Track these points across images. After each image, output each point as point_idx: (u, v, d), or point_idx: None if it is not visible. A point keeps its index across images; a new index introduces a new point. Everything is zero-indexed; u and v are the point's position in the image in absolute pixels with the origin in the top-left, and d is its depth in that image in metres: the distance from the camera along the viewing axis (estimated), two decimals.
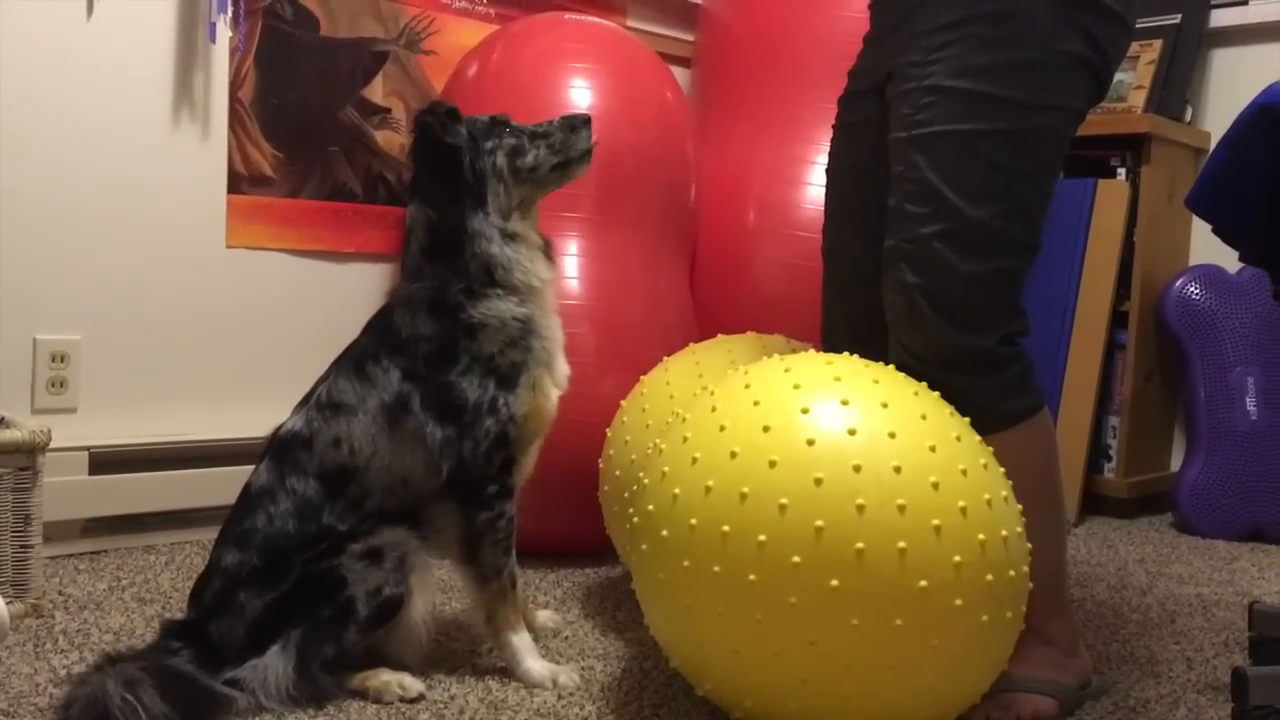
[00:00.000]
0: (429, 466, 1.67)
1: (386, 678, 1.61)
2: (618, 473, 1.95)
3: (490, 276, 1.70)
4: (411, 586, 1.64)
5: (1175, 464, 3.26)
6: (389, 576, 1.62)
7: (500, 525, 1.70)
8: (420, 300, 1.71)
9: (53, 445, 1.91)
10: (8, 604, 1.69)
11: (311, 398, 1.72)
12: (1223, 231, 1.77)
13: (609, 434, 2.05)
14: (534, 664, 1.69)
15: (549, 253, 1.80)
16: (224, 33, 2.47)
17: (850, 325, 1.82)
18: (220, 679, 1.55)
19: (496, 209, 1.73)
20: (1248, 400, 3.01)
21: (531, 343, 1.72)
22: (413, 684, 1.61)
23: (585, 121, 1.81)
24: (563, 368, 1.79)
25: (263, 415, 2.36)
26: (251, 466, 1.74)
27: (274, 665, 1.56)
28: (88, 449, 2.27)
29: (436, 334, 1.69)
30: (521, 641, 1.70)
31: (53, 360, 2.30)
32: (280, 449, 1.69)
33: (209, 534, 2.40)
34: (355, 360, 1.72)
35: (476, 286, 1.70)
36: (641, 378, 2.06)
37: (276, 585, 1.60)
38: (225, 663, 1.57)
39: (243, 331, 2.56)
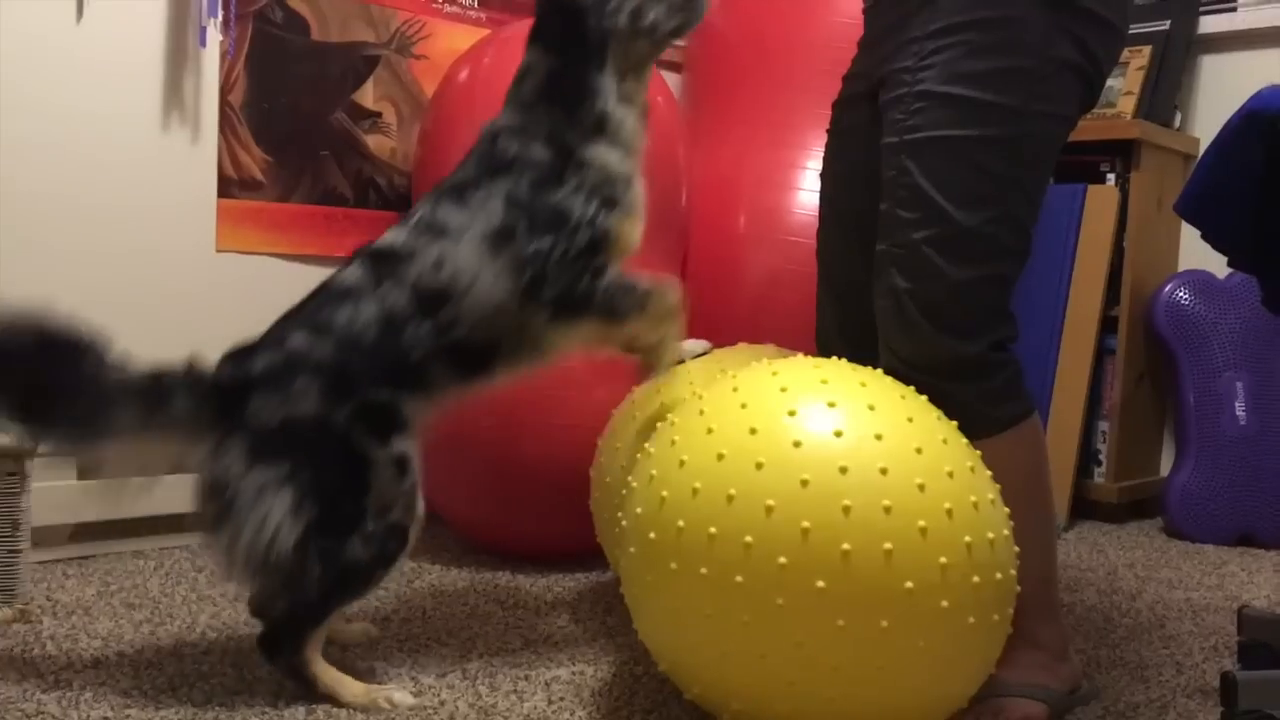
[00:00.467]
0: (524, 289, 1.67)
1: (369, 691, 1.60)
2: (608, 479, 1.96)
3: (601, 130, 1.73)
4: (419, 514, 1.64)
5: (1165, 469, 3.26)
6: (401, 500, 1.61)
7: (614, 292, 1.70)
8: (533, 130, 1.73)
9: (40, 450, 1.91)
10: None
11: (409, 221, 1.72)
12: (1211, 237, 1.78)
13: (600, 442, 2.05)
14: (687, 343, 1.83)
15: (646, 118, 1.82)
16: (214, 36, 2.46)
17: (844, 330, 1.83)
18: (219, 466, 1.55)
19: (615, 69, 1.75)
20: (1237, 405, 3.02)
21: (629, 190, 1.74)
22: (403, 698, 1.60)
23: None
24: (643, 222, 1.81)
25: None
26: None
27: (279, 509, 1.54)
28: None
29: (545, 161, 1.71)
30: (686, 345, 1.83)
31: None
32: (375, 257, 1.69)
33: (198, 538, 2.40)
34: (456, 188, 1.72)
35: (589, 134, 1.73)
36: (634, 388, 2.06)
37: (342, 392, 1.58)
38: (228, 435, 1.56)
39: (233, 335, 2.51)
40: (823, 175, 1.92)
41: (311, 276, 2.62)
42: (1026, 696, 1.61)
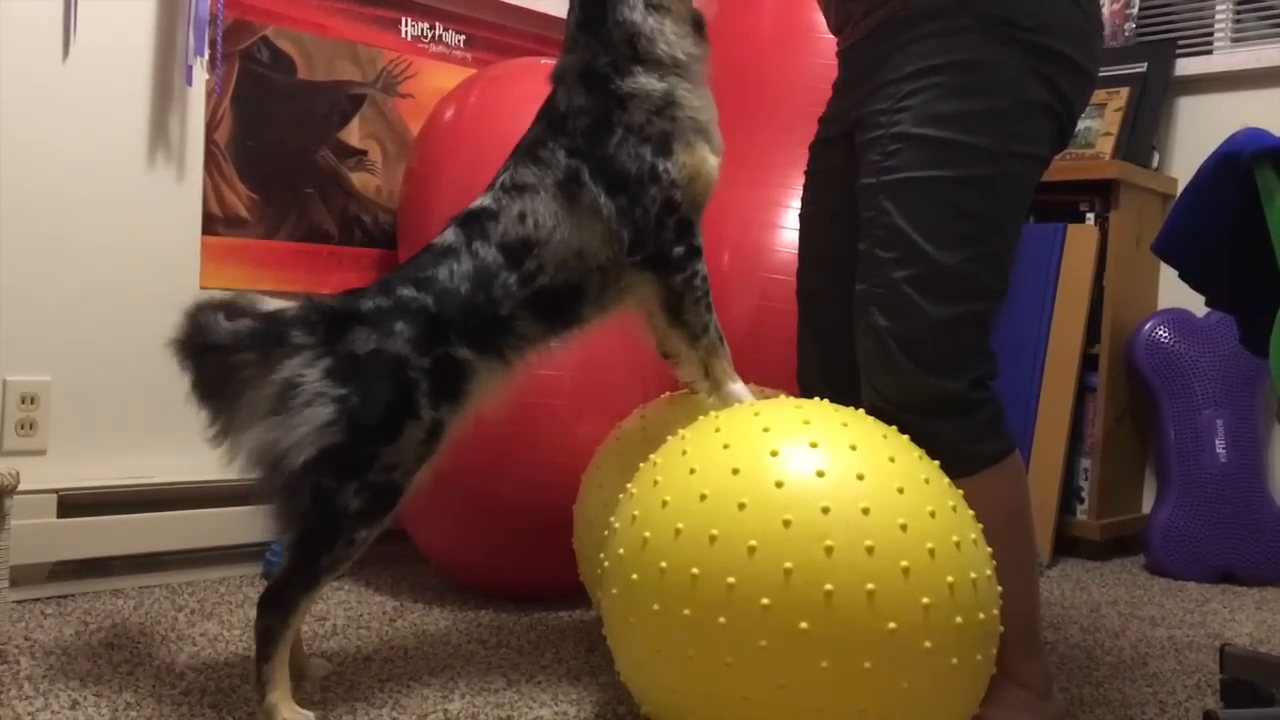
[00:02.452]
0: (605, 237, 1.74)
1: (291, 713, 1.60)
2: (591, 519, 1.95)
3: (633, 48, 1.75)
4: (415, 484, 1.69)
5: (1147, 506, 3.27)
6: (412, 466, 1.66)
7: (696, 284, 1.78)
8: (573, 73, 1.78)
9: (21, 487, 1.89)
10: None
11: (494, 185, 1.79)
12: (1189, 277, 1.80)
13: (584, 479, 2.05)
14: (743, 391, 1.79)
15: (701, 29, 1.83)
16: (201, 75, 2.48)
17: (825, 370, 1.84)
18: (298, 371, 1.62)
19: None
20: (1217, 442, 3.04)
21: (676, 113, 1.76)
22: None
23: None
24: (717, 138, 1.82)
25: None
26: (222, 509, 1.75)
27: (312, 422, 1.60)
28: (56, 491, 2.24)
29: (590, 106, 1.76)
30: (739, 389, 1.79)
31: (22, 402, 2.29)
32: (468, 219, 1.76)
33: (178, 578, 2.40)
34: (528, 148, 1.79)
35: (620, 61, 1.75)
36: (618, 424, 2.06)
37: (421, 346, 1.65)
38: (325, 352, 1.63)
39: None
40: (801, 216, 1.94)
41: None
42: None
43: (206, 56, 2.47)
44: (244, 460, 1.64)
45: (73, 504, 2.27)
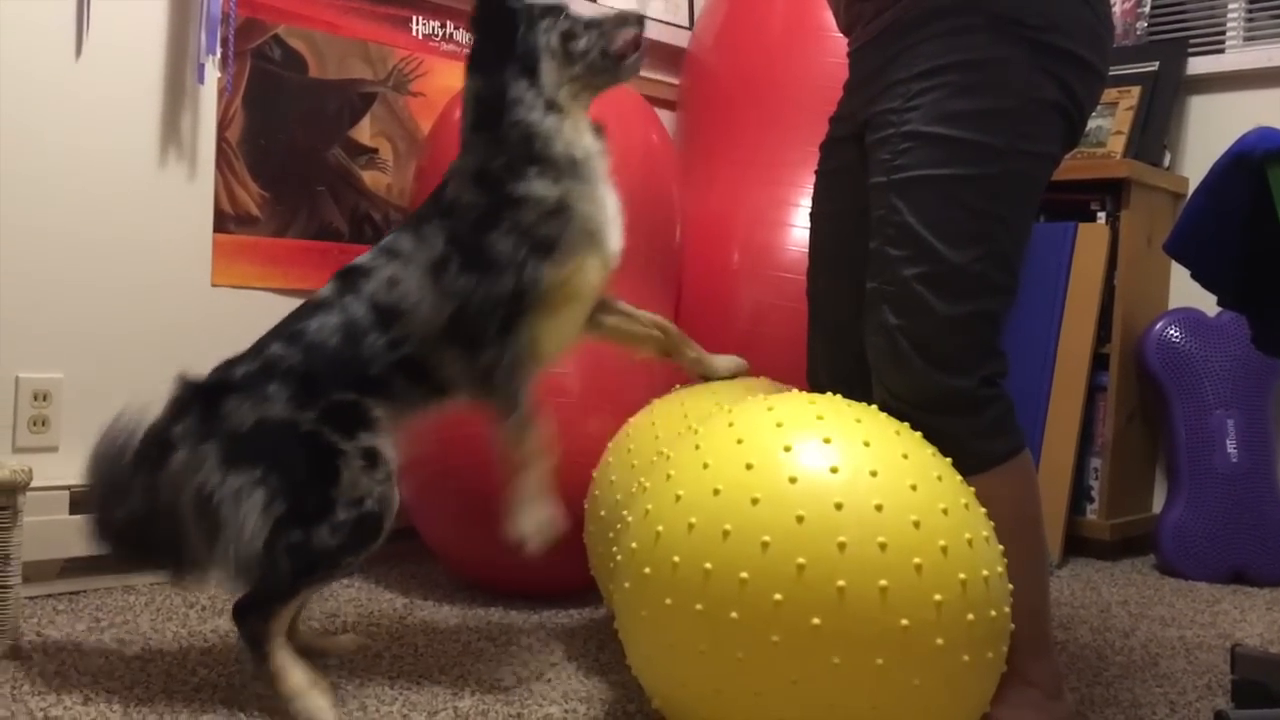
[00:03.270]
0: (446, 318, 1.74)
1: (308, 688, 1.61)
2: (603, 513, 1.95)
3: (529, 148, 1.74)
4: (393, 502, 1.68)
5: (1157, 506, 3.27)
6: (374, 488, 1.65)
7: (505, 361, 1.73)
8: (466, 173, 1.79)
9: (33, 484, 1.90)
10: None
11: (380, 245, 1.82)
12: (1200, 277, 1.80)
13: (594, 475, 2.05)
14: (538, 507, 1.74)
15: (600, 131, 1.83)
16: (212, 73, 2.48)
17: (833, 369, 1.84)
18: (195, 480, 1.63)
19: (546, 82, 1.77)
20: (1228, 443, 3.03)
21: (569, 216, 1.75)
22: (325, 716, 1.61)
23: (638, 20, 1.85)
24: (614, 241, 1.82)
25: None
26: None
27: (253, 512, 1.61)
28: (69, 488, 2.25)
29: (481, 204, 1.76)
30: (537, 480, 1.76)
31: (34, 399, 2.29)
32: (345, 274, 1.79)
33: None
34: (415, 221, 1.81)
35: (515, 162, 1.74)
36: (628, 420, 2.06)
37: (301, 401, 1.66)
38: (209, 436, 1.65)
39: None
40: (812, 215, 1.95)
41: None
42: None
43: (218, 55, 2.47)
44: (220, 583, 1.66)
45: (85, 501, 2.27)
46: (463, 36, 2.91)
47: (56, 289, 2.31)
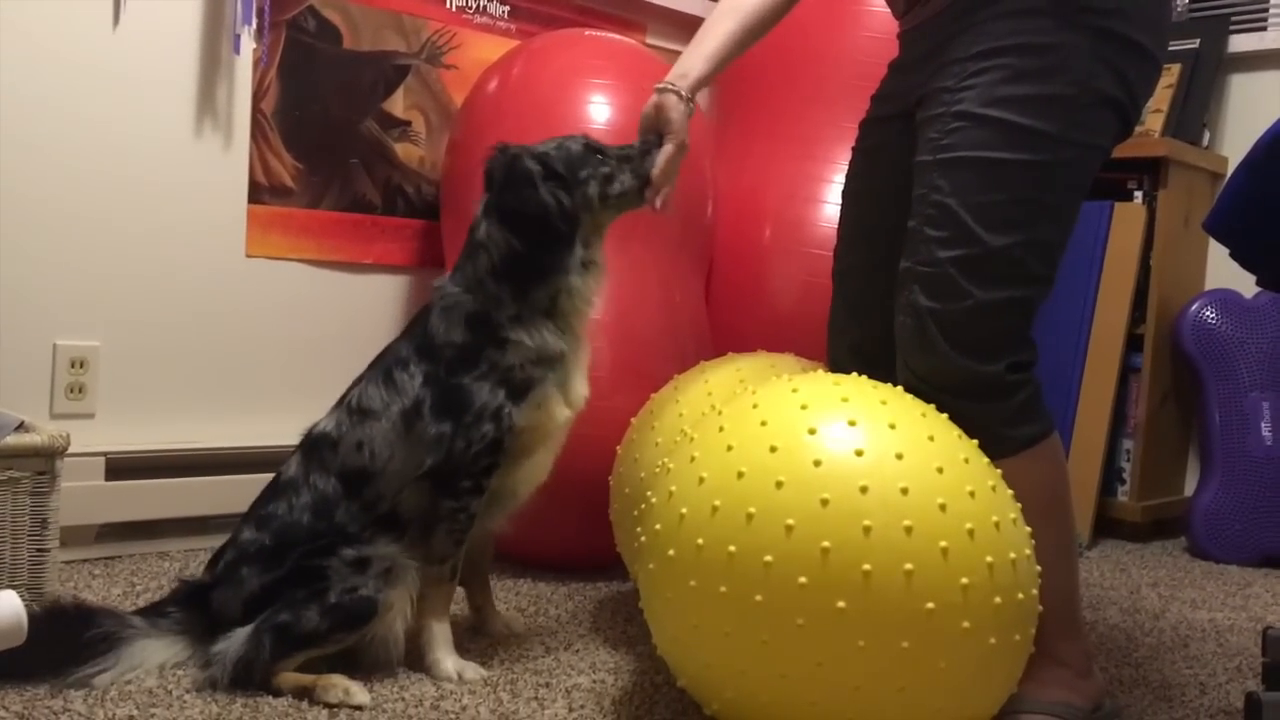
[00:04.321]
0: (422, 463, 1.73)
1: (335, 680, 1.63)
2: (627, 490, 1.96)
3: (553, 304, 1.75)
4: (390, 600, 1.69)
5: (1189, 488, 3.24)
6: (368, 582, 1.67)
7: (460, 518, 1.75)
8: (462, 311, 1.76)
9: (70, 450, 1.93)
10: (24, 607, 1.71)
11: (344, 400, 1.80)
12: (1240, 256, 1.77)
13: (619, 451, 2.06)
14: (445, 656, 1.75)
15: (604, 271, 1.83)
16: (248, 44, 2.49)
17: (855, 348, 1.83)
18: (208, 654, 1.65)
19: (582, 239, 1.78)
20: (1262, 425, 3.00)
21: (555, 364, 1.76)
22: (358, 692, 1.62)
23: (658, 142, 1.83)
24: (581, 389, 1.82)
25: (278, 424, 2.39)
26: (266, 475, 1.78)
27: (238, 637, 1.64)
28: (105, 454, 2.28)
29: (466, 343, 1.75)
30: (441, 631, 1.76)
31: (72, 366, 2.33)
32: (310, 447, 1.78)
33: (223, 541, 2.43)
34: (387, 367, 1.79)
35: (528, 314, 1.74)
36: (651, 395, 2.07)
37: (275, 570, 1.68)
38: (220, 631, 1.66)
39: (260, 340, 2.58)
40: (845, 192, 1.93)
41: (339, 282, 2.67)
42: (1049, 714, 1.60)
43: (254, 25, 2.48)
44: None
45: (120, 467, 2.30)
46: (496, 9, 2.90)
47: (93, 258, 2.34)
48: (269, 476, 1.82)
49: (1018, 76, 1.57)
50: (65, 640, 1.61)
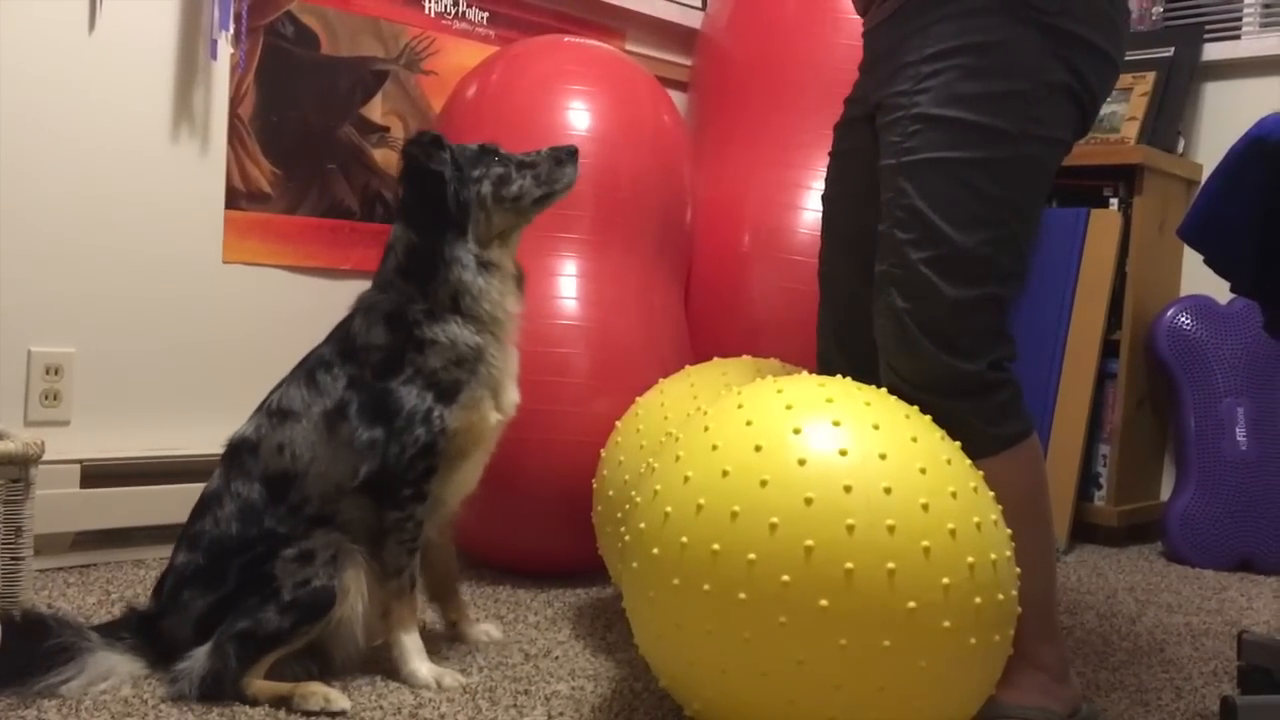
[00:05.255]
0: (355, 470, 1.72)
1: (314, 688, 1.61)
2: (611, 493, 1.96)
3: (456, 303, 1.76)
4: (346, 584, 1.67)
5: (1165, 493, 3.27)
6: (319, 571, 1.66)
7: (408, 526, 1.74)
8: (380, 311, 1.78)
9: (45, 458, 1.91)
10: None
11: (264, 405, 1.79)
12: (1214, 262, 1.78)
13: (603, 455, 2.05)
14: (420, 665, 1.73)
15: (521, 285, 1.84)
16: (225, 49, 2.48)
17: (844, 350, 1.84)
18: (172, 671, 1.62)
19: (476, 236, 1.78)
20: (1237, 430, 3.03)
21: (478, 367, 1.76)
22: (338, 698, 1.60)
23: (572, 154, 1.85)
24: (512, 395, 1.83)
25: None
26: None
27: (199, 655, 1.62)
28: (80, 462, 2.26)
29: (387, 344, 1.75)
30: (411, 641, 1.75)
31: (47, 372, 2.31)
32: (230, 455, 1.77)
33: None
34: (309, 368, 1.79)
35: (438, 310, 1.75)
36: (637, 399, 2.07)
37: (217, 587, 1.66)
38: (176, 657, 1.64)
39: (237, 347, 2.56)
40: (824, 197, 1.94)
41: (317, 288, 2.66)
42: (1026, 718, 1.60)
43: (231, 31, 2.47)
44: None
45: (96, 474, 2.28)
46: (475, 15, 2.90)
47: (69, 264, 2.32)
48: None
49: (971, 75, 1.59)
50: (26, 650, 1.59)
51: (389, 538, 1.73)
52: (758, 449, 1.38)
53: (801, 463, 1.36)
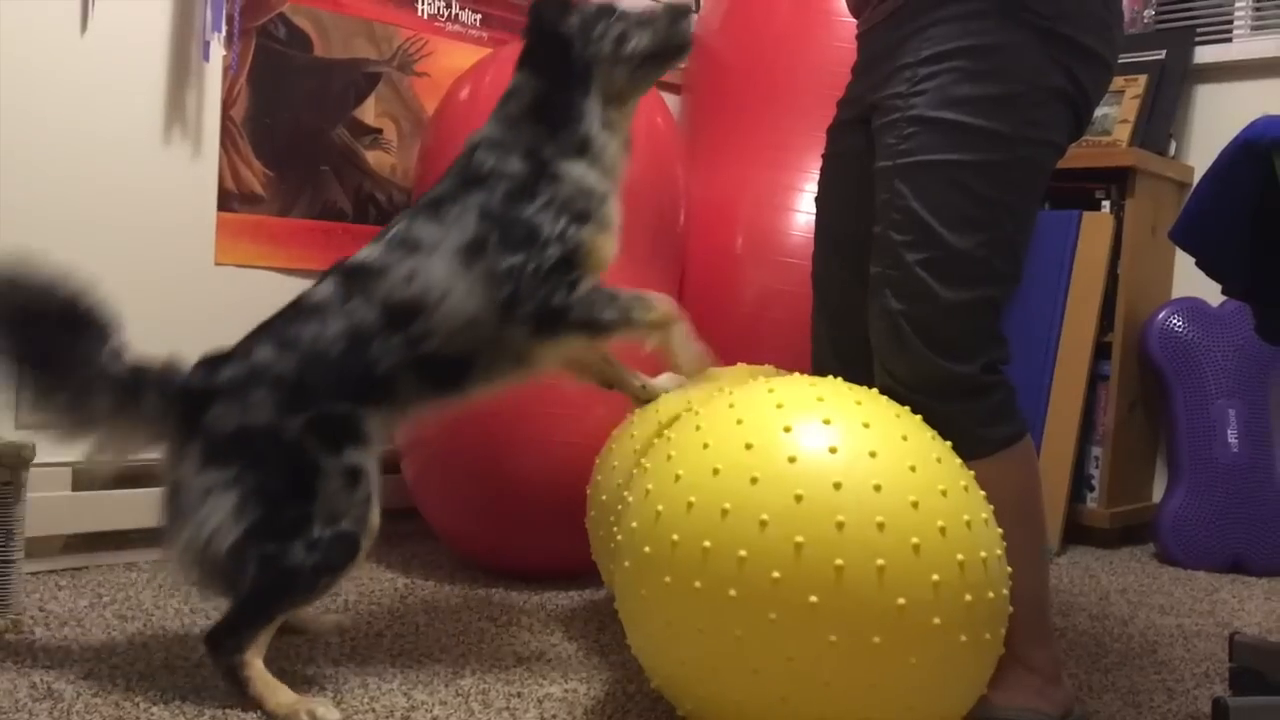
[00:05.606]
0: (499, 304, 1.70)
1: (301, 706, 1.56)
2: (604, 498, 1.96)
3: (584, 149, 1.77)
4: (372, 525, 1.64)
5: (1157, 495, 3.27)
6: (353, 511, 1.62)
7: (589, 312, 1.73)
8: (511, 144, 1.78)
9: (36, 460, 1.90)
10: None
11: (384, 236, 1.75)
12: (1206, 265, 1.79)
13: (597, 460, 2.05)
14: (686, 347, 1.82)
15: (629, 148, 1.86)
16: (218, 51, 2.48)
17: (838, 352, 1.84)
18: (177, 470, 1.61)
19: (599, 95, 1.80)
20: (1229, 433, 3.03)
21: (601, 208, 1.77)
22: (327, 713, 1.56)
23: (686, 12, 1.86)
24: (616, 244, 1.83)
25: None
26: None
27: (220, 511, 1.58)
28: (71, 465, 2.26)
29: (519, 173, 1.75)
30: (680, 330, 1.82)
31: None
32: (346, 275, 1.72)
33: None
34: (433, 203, 1.76)
35: (568, 151, 1.76)
36: (633, 406, 2.06)
37: (298, 407, 1.62)
38: (188, 440, 1.61)
39: None
40: (817, 200, 1.95)
41: None
42: None
43: (224, 33, 2.47)
44: (176, 568, 1.62)
45: (87, 477, 2.28)
46: (468, 17, 2.90)
47: (60, 265, 2.31)
48: None
49: (968, 78, 1.59)
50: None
51: (576, 326, 1.73)
52: (748, 447, 1.38)
53: (792, 460, 1.36)
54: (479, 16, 2.92)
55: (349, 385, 1.65)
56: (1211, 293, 2.58)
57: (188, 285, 2.49)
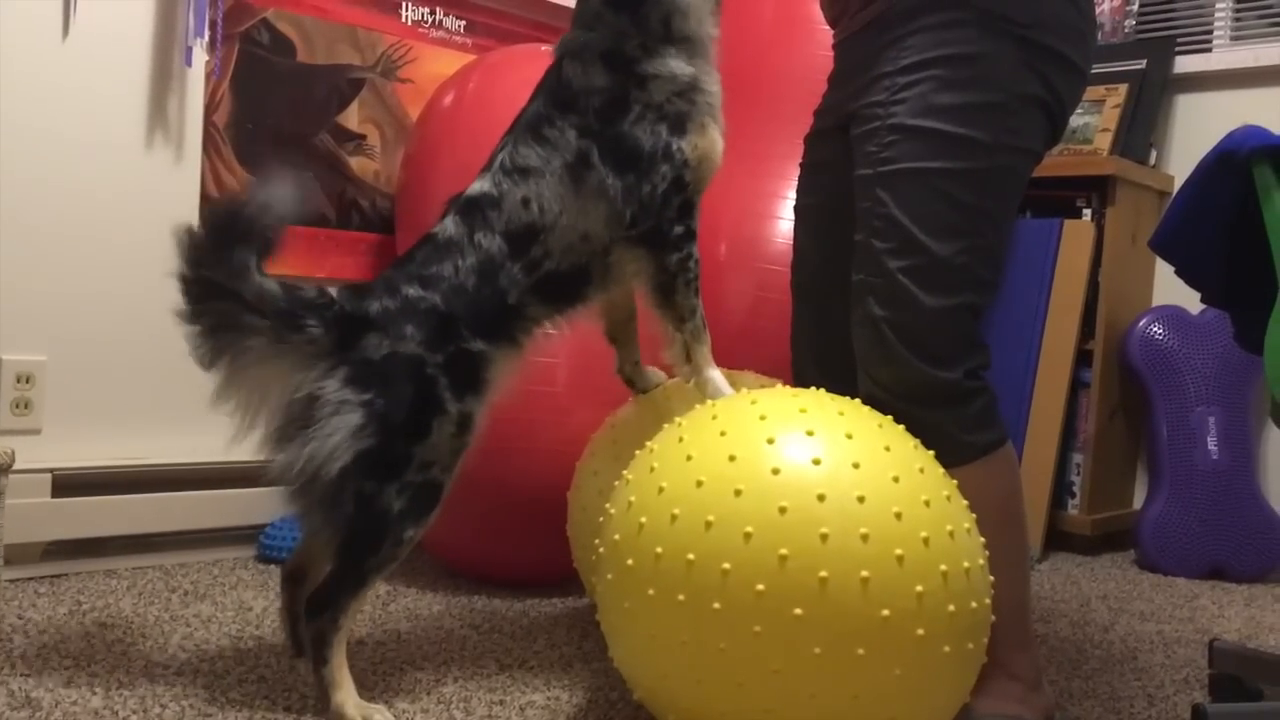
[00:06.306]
0: (610, 218, 1.72)
1: (356, 707, 1.58)
2: (585, 504, 1.96)
3: (667, 28, 1.74)
4: (454, 472, 1.67)
5: (1138, 502, 3.29)
6: (448, 460, 1.65)
7: (689, 266, 1.76)
8: (594, 51, 1.76)
9: (16, 467, 1.89)
10: None
11: (492, 165, 1.76)
12: (1185, 273, 1.80)
13: (578, 466, 2.05)
14: (724, 385, 1.75)
15: (720, 9, 1.83)
16: (200, 56, 2.47)
17: (819, 360, 1.84)
18: (318, 383, 1.59)
19: None
20: (1209, 440, 3.05)
21: (696, 96, 1.75)
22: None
23: None
24: (722, 120, 1.82)
25: (228, 440, 2.36)
26: (216, 491, 1.74)
27: (344, 429, 1.58)
28: (51, 471, 2.24)
29: (607, 86, 1.74)
30: (717, 375, 1.77)
31: (18, 381, 2.29)
32: (467, 207, 1.74)
33: (172, 559, 2.40)
34: (530, 125, 1.76)
35: (651, 42, 1.74)
36: (613, 412, 2.06)
37: (442, 344, 1.64)
38: (338, 363, 1.60)
39: None
40: (796, 208, 1.95)
41: None
42: None
43: (206, 38, 2.46)
44: (277, 476, 1.60)
45: (67, 484, 2.27)
46: (452, 24, 2.90)
47: (41, 271, 2.30)
48: (219, 493, 1.80)
49: (948, 87, 1.60)
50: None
51: (676, 281, 1.74)
52: (732, 459, 1.38)
53: (775, 472, 1.36)
54: (463, 23, 2.92)
55: (484, 319, 1.68)
56: (1192, 301, 2.60)
57: (170, 291, 2.46)
